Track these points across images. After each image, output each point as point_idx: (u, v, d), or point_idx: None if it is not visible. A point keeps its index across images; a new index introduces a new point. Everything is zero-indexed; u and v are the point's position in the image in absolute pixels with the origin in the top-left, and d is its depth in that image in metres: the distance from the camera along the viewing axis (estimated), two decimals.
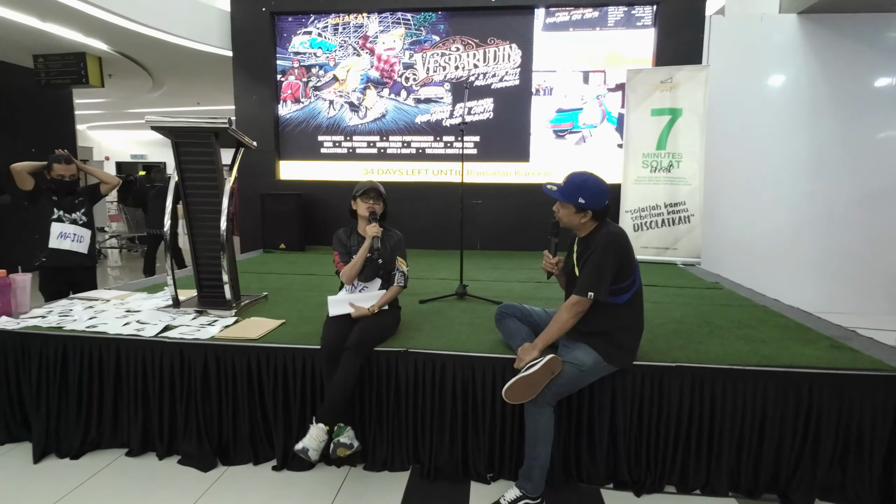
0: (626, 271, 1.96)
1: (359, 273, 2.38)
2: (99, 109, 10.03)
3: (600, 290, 1.91)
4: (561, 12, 5.32)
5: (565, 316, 1.96)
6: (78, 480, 2.18)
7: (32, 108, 7.03)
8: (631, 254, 1.99)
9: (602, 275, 1.91)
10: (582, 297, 1.92)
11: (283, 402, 2.31)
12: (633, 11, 5.23)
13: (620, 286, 1.97)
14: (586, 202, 1.96)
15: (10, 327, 2.44)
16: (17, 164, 3.05)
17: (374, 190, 2.40)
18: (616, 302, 1.98)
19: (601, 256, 1.92)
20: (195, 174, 2.75)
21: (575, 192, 1.97)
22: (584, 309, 1.95)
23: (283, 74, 5.79)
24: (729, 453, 2.12)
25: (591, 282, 1.92)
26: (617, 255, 1.93)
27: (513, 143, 5.57)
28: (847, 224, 5.20)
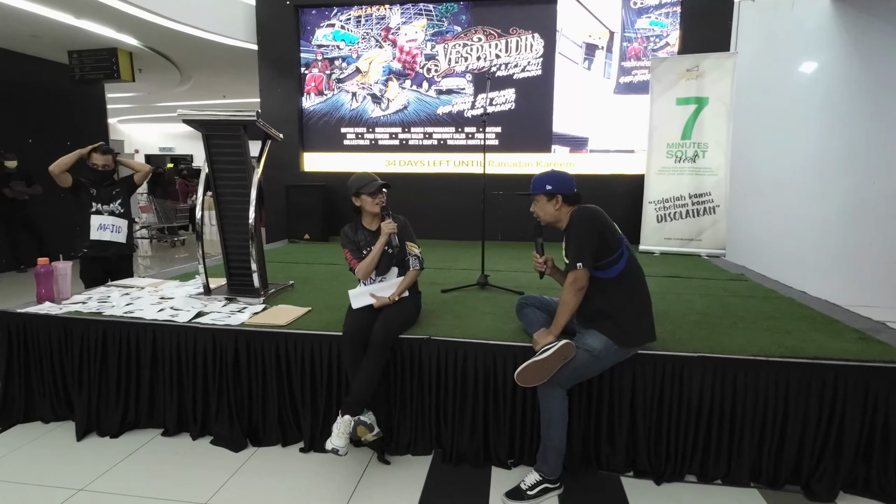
0: (611, 244, 2.01)
1: (375, 269, 2.41)
2: (129, 103, 10.31)
3: (585, 258, 1.97)
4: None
5: (566, 295, 2.01)
6: (117, 458, 2.30)
7: (67, 103, 7.27)
8: (612, 227, 2.05)
9: (582, 244, 1.98)
10: (576, 272, 1.97)
11: (311, 386, 2.39)
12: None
13: (609, 259, 2.01)
14: (553, 187, 2.10)
15: (54, 312, 2.57)
16: (52, 166, 3.16)
17: (384, 184, 2.41)
18: (608, 276, 2.02)
19: (576, 229, 2.02)
20: (225, 166, 2.84)
21: (540, 183, 2.14)
22: (583, 284, 1.98)
23: (306, 67, 5.87)
24: (751, 444, 2.12)
25: (576, 254, 1.98)
26: (591, 224, 2.00)
27: (535, 133, 5.55)
28: (879, 217, 5.05)
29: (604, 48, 5.38)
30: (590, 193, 2.21)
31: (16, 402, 2.59)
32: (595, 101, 5.43)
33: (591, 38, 5.39)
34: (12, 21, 5.30)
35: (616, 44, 5.35)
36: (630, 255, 2.08)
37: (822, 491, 2.04)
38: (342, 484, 2.12)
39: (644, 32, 5.28)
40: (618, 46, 5.34)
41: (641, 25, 5.27)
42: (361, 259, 2.42)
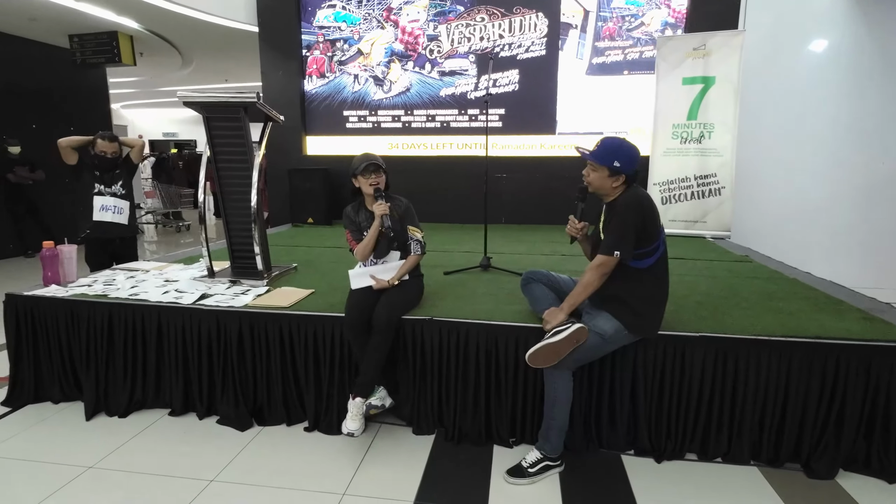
0: (651, 235, 1.96)
1: (372, 251, 2.41)
2: (132, 88, 10.27)
3: (625, 249, 1.91)
4: None
5: (590, 276, 1.97)
6: (126, 437, 2.34)
7: (69, 88, 7.25)
8: (656, 218, 1.98)
9: (626, 234, 1.91)
10: (608, 257, 1.93)
11: (314, 366, 2.41)
12: None
13: (644, 250, 1.96)
14: (621, 165, 1.96)
15: (60, 295, 2.60)
16: (62, 139, 3.19)
17: (372, 164, 2.34)
18: (638, 266, 1.99)
19: (624, 216, 1.93)
20: (226, 149, 2.83)
21: (611, 154, 1.96)
22: (609, 270, 1.95)
23: (308, 49, 5.81)
24: (751, 422, 2.13)
25: (616, 240, 1.92)
26: (639, 216, 1.92)
27: (539, 115, 5.50)
28: (890, 198, 4.98)
29: (578, 27, 5.30)
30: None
31: (25, 383, 2.63)
32: (566, 82, 5.39)
33: (566, 17, 5.30)
34: (10, 4, 5.26)
35: (591, 23, 5.27)
36: (664, 251, 2.05)
37: (822, 469, 2.06)
38: (345, 462, 2.15)
39: (620, 12, 5.20)
40: (592, 26, 5.27)
41: (617, 4, 5.20)
42: (361, 240, 2.42)
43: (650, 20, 5.18)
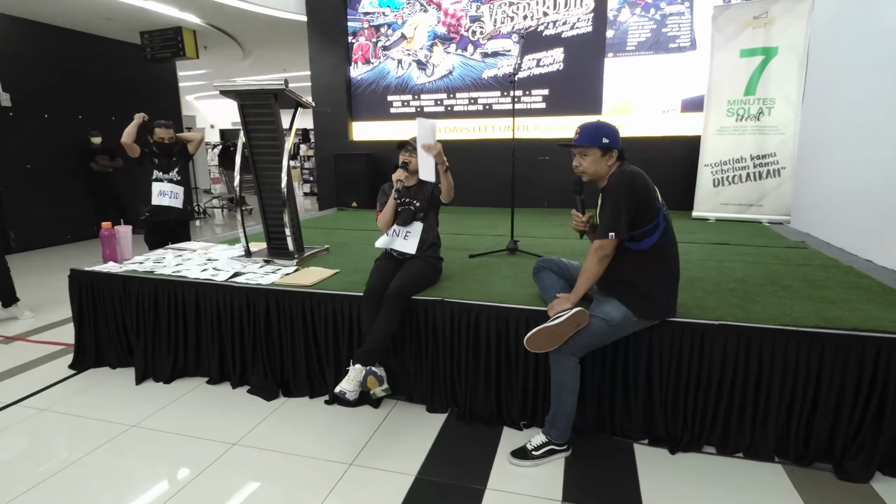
0: (648, 212, 1.88)
1: (391, 219, 2.50)
2: (200, 80, 10.91)
3: (619, 228, 1.85)
4: None
5: (589, 262, 1.92)
6: (168, 401, 2.56)
7: (142, 81, 7.83)
8: (651, 194, 1.90)
9: (619, 214, 1.84)
10: (604, 240, 1.87)
11: (334, 342, 2.52)
12: None
13: (644, 229, 1.89)
14: (610, 141, 1.92)
15: (115, 271, 2.86)
16: (123, 137, 3.47)
17: (405, 143, 2.52)
18: (639, 248, 1.91)
19: (615, 194, 1.86)
20: (259, 134, 2.97)
21: (595, 134, 1.93)
22: (608, 253, 1.89)
23: (353, 36, 5.92)
24: (777, 417, 2.00)
25: (609, 222, 1.86)
26: (632, 192, 1.85)
27: (584, 94, 5.31)
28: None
29: None
30: (638, 157, 2.04)
31: (87, 350, 2.93)
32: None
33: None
34: (88, 6, 5.74)
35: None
36: (667, 227, 1.96)
37: (855, 470, 1.90)
38: (358, 435, 2.24)
39: None
40: None
41: None
42: None
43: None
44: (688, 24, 4.91)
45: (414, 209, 2.50)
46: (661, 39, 4.99)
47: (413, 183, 2.54)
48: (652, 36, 5.01)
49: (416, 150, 2.42)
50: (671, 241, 1.98)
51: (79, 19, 6.41)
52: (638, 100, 5.17)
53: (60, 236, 6.77)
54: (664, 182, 4.99)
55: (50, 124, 6.64)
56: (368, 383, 2.15)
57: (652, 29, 5.00)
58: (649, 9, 4.97)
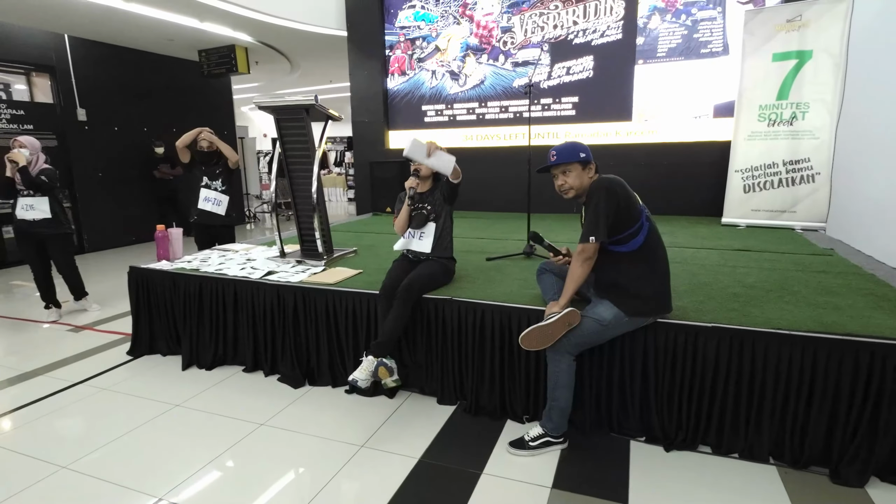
0: (629, 217, 1.99)
1: (406, 223, 2.69)
2: (252, 92, 11.59)
3: (599, 232, 1.96)
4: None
5: (573, 266, 2.04)
6: (208, 385, 2.85)
7: (200, 95, 8.46)
8: (630, 198, 2.01)
9: (597, 217, 1.96)
10: (585, 244, 1.99)
11: (354, 337, 2.74)
12: None
13: (628, 232, 1.99)
14: (586, 155, 2.07)
15: (166, 268, 3.21)
16: (178, 141, 3.87)
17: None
18: (626, 250, 2.02)
19: (594, 202, 1.98)
20: (293, 145, 3.25)
21: (572, 151, 2.08)
22: (590, 255, 2.00)
23: (390, 49, 6.21)
24: (771, 419, 2.04)
25: (589, 227, 1.98)
26: (610, 196, 1.96)
27: (614, 101, 5.35)
28: None
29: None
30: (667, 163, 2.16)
31: (142, 338, 3.29)
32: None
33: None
34: (152, 28, 6.32)
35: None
36: (650, 228, 2.06)
37: (850, 475, 1.92)
38: (372, 421, 2.44)
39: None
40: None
41: None
42: None
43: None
44: (720, 30, 4.87)
45: (426, 213, 2.69)
46: (692, 45, 4.97)
47: (425, 189, 2.73)
48: (683, 42, 4.99)
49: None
50: (657, 241, 2.07)
51: (145, 41, 7.05)
52: (669, 106, 5.15)
53: (126, 238, 7.41)
54: (693, 188, 5.00)
55: (119, 136, 7.31)
56: (380, 373, 2.33)
57: (683, 35, 4.98)
58: (680, 15, 4.96)
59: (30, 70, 6.58)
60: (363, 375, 2.29)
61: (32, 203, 3.77)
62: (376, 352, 2.36)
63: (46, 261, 4.00)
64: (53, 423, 2.51)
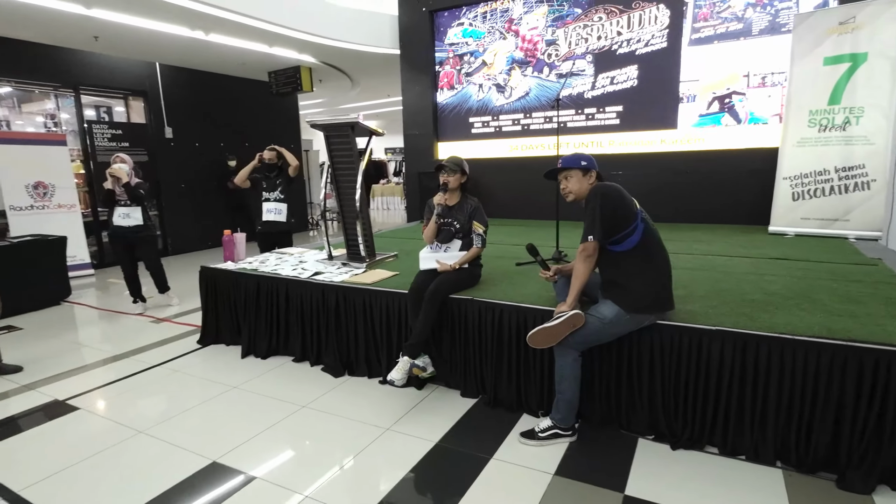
0: (625, 218, 2.13)
1: (434, 235, 2.89)
2: (318, 108, 12.38)
3: (595, 232, 2.12)
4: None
5: (576, 264, 2.20)
6: (262, 371, 3.23)
7: (270, 112, 9.21)
8: (626, 202, 2.15)
9: (594, 218, 2.12)
10: (585, 243, 2.15)
11: (387, 332, 3.01)
12: None
13: (623, 232, 2.13)
14: (587, 163, 2.25)
15: (230, 268, 3.65)
16: (236, 179, 4.39)
17: (441, 165, 2.86)
18: (623, 249, 2.16)
19: (590, 204, 2.15)
20: (340, 159, 3.60)
21: (575, 159, 2.29)
22: (590, 254, 2.15)
23: (440, 65, 6.53)
24: (776, 422, 2.08)
25: (588, 227, 2.14)
26: (606, 200, 2.12)
27: (658, 110, 5.34)
28: None
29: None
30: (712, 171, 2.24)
31: (210, 329, 3.75)
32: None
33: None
34: (228, 54, 7.03)
35: (690, 9, 4.97)
36: (647, 227, 2.20)
37: (856, 481, 1.93)
38: (399, 409, 2.69)
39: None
40: (691, 11, 4.94)
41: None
42: None
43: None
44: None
45: (454, 230, 2.89)
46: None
47: (454, 202, 2.92)
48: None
49: (454, 171, 2.82)
50: (653, 240, 2.20)
51: (222, 65, 7.81)
52: None
53: (204, 243, 8.19)
54: (739, 196, 4.91)
55: (199, 151, 8.12)
56: (414, 371, 2.61)
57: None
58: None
59: (127, 95, 7.50)
60: (399, 375, 2.56)
61: (128, 212, 4.37)
62: (409, 353, 2.62)
63: (135, 262, 4.61)
64: (135, 397, 2.97)
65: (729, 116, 4.98)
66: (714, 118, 5.05)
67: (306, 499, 1.99)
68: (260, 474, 2.15)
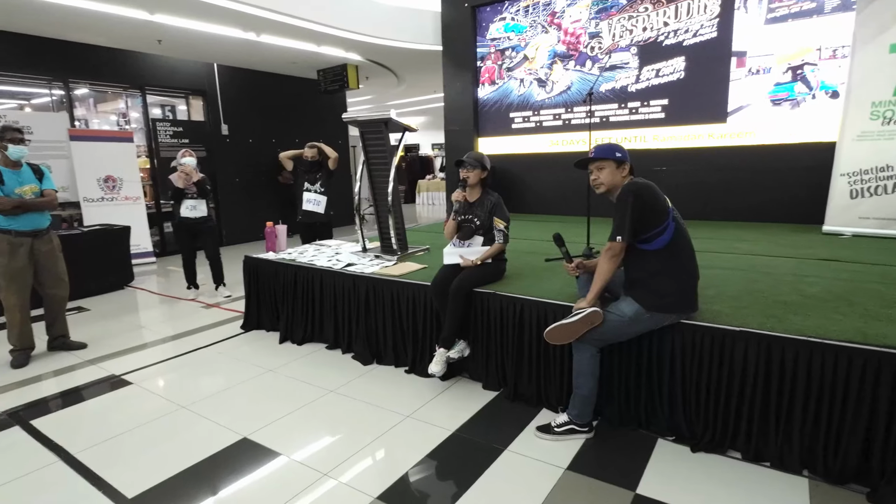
0: (655, 217, 2.07)
1: (454, 232, 2.94)
2: (365, 105, 12.66)
3: (624, 232, 2.07)
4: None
5: (600, 263, 2.17)
6: (297, 357, 3.40)
7: (318, 109, 9.52)
8: (658, 201, 2.09)
9: (623, 218, 2.07)
10: (612, 242, 2.11)
11: (413, 322, 3.09)
12: None
13: (653, 232, 2.08)
14: (622, 155, 2.19)
15: (271, 258, 3.85)
16: (281, 154, 4.58)
17: (461, 161, 2.90)
18: (652, 248, 2.10)
19: (621, 202, 2.10)
20: (375, 154, 3.71)
21: (609, 150, 2.22)
22: (616, 253, 2.12)
23: (481, 60, 6.53)
24: (802, 429, 1.99)
25: (616, 226, 2.10)
26: (637, 199, 2.06)
27: (707, 102, 5.13)
28: None
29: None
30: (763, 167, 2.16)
31: (252, 315, 3.97)
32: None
33: None
34: (280, 54, 7.33)
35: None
36: (677, 228, 2.14)
37: (887, 496, 1.83)
38: (422, 397, 2.77)
39: None
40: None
41: None
42: None
43: None
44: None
45: (474, 227, 2.92)
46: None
47: (475, 198, 2.95)
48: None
49: (473, 167, 2.86)
50: (682, 240, 2.13)
51: (274, 64, 8.16)
52: (767, 106, 4.82)
53: (257, 234, 8.60)
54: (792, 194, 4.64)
55: (252, 147, 8.53)
56: (448, 360, 2.73)
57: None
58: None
59: (188, 94, 7.98)
60: (437, 368, 2.68)
61: (195, 204, 4.67)
62: (444, 345, 2.73)
63: (195, 251, 4.92)
64: (181, 375, 3.20)
65: (802, 84, 4.68)
66: (788, 87, 4.74)
67: (324, 476, 2.10)
68: (285, 451, 2.28)
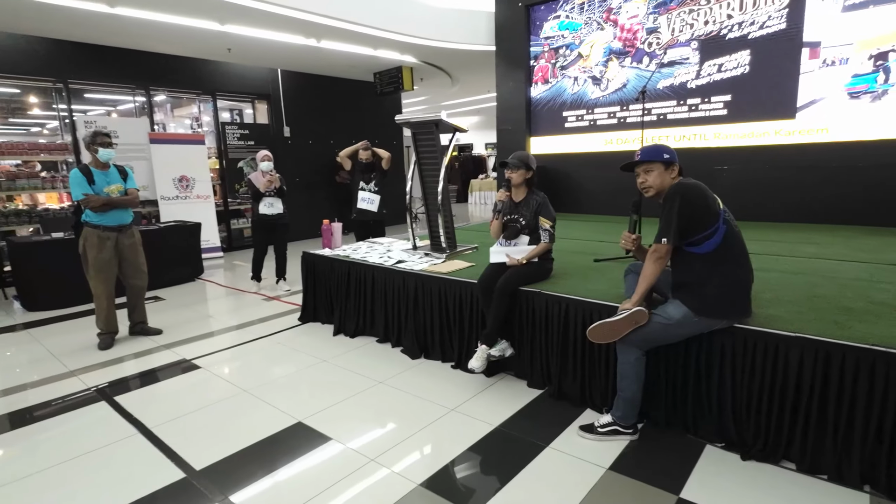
0: (705, 219, 2.01)
1: (500, 232, 2.98)
2: (421, 105, 12.87)
3: (671, 235, 2.03)
4: None
5: (647, 264, 2.13)
6: (349, 349, 3.56)
7: (375, 110, 9.80)
8: (707, 202, 2.03)
9: (670, 221, 2.03)
10: (658, 245, 2.07)
11: (459, 318, 3.16)
12: None
13: (702, 234, 2.02)
14: (670, 156, 2.14)
15: (327, 254, 4.04)
16: (341, 153, 4.78)
17: (505, 162, 2.96)
18: (700, 251, 2.05)
19: (668, 204, 2.05)
20: (426, 155, 3.81)
21: (657, 151, 2.17)
22: (662, 255, 2.08)
23: (535, 59, 6.51)
24: (864, 441, 1.89)
25: (663, 228, 2.06)
26: (685, 201, 2.01)
27: (774, 97, 4.87)
28: None
29: None
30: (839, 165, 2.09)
31: (309, 308, 4.18)
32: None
33: None
34: (339, 58, 7.62)
35: None
36: (728, 230, 2.08)
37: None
38: (467, 392, 2.83)
39: None
40: None
41: None
42: None
43: None
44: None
45: (520, 227, 2.95)
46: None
47: (520, 197, 2.98)
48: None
49: (517, 168, 2.88)
50: (735, 244, 2.07)
51: (333, 68, 8.48)
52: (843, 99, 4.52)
53: (316, 231, 8.97)
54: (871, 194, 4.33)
55: (312, 148, 8.92)
56: (490, 359, 2.78)
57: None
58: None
59: (254, 99, 8.46)
60: (477, 364, 2.73)
61: (272, 202, 4.97)
62: (486, 342, 2.78)
63: (268, 245, 5.22)
64: (244, 362, 3.44)
65: (882, 74, 4.37)
66: (868, 78, 4.44)
67: (371, 461, 2.21)
68: (336, 436, 2.42)
